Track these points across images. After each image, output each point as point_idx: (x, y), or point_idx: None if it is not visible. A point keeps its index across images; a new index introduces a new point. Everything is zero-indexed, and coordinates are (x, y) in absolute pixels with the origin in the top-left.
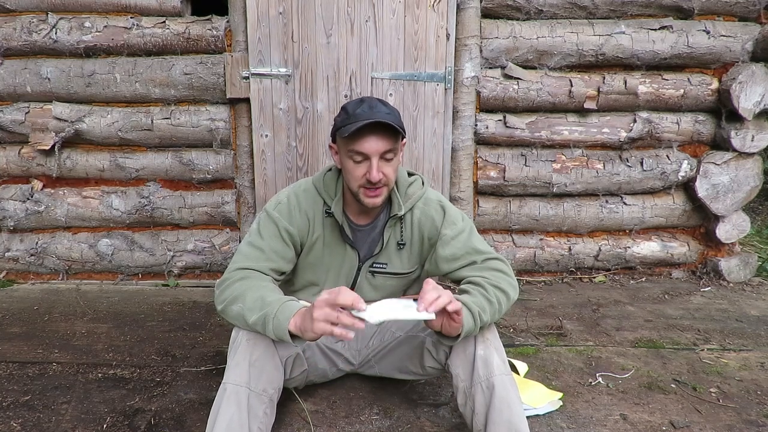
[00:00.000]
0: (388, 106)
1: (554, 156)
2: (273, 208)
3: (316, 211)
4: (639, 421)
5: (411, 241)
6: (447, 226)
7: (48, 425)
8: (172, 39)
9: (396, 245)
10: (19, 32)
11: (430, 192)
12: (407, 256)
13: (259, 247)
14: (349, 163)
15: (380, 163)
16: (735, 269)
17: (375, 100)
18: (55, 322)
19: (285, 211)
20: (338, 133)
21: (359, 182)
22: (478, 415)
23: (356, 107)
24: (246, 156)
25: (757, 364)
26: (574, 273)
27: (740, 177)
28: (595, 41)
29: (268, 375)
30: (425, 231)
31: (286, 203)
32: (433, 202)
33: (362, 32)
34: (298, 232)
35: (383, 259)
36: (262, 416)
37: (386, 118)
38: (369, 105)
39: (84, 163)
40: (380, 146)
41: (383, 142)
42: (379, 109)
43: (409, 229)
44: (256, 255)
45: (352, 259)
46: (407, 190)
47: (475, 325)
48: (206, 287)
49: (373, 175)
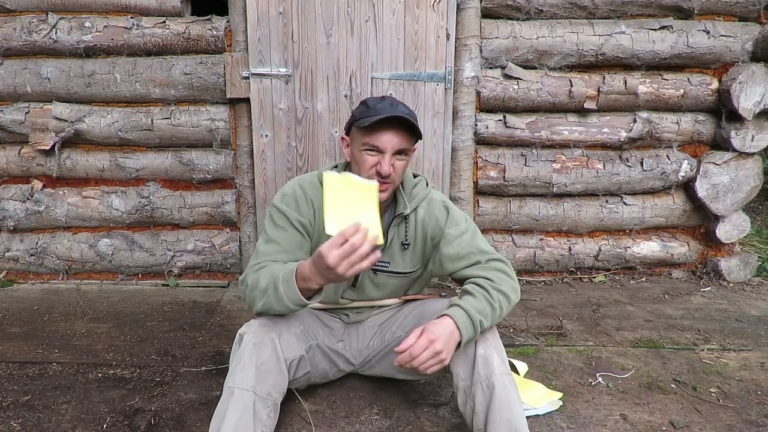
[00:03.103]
0: (409, 108)
1: (554, 156)
2: (280, 201)
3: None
4: (639, 421)
5: (414, 241)
6: (450, 225)
7: (48, 425)
8: (172, 39)
9: (400, 245)
10: (19, 32)
11: (434, 193)
12: (410, 256)
13: (274, 241)
14: (362, 155)
15: (392, 158)
16: (735, 269)
17: (396, 100)
18: (55, 322)
19: (292, 202)
20: (356, 124)
21: (368, 173)
22: (479, 414)
23: (377, 102)
24: (246, 156)
25: (757, 364)
26: (574, 273)
27: (740, 177)
28: (595, 41)
29: (273, 379)
30: (429, 230)
31: (291, 194)
32: (437, 203)
33: (362, 32)
34: (309, 221)
35: (386, 258)
36: (266, 420)
37: (406, 115)
38: (390, 102)
39: (84, 163)
40: (395, 143)
41: (399, 138)
42: (400, 107)
43: (413, 228)
44: (273, 249)
45: None
46: (412, 191)
47: (474, 333)
48: (206, 287)
49: (384, 168)
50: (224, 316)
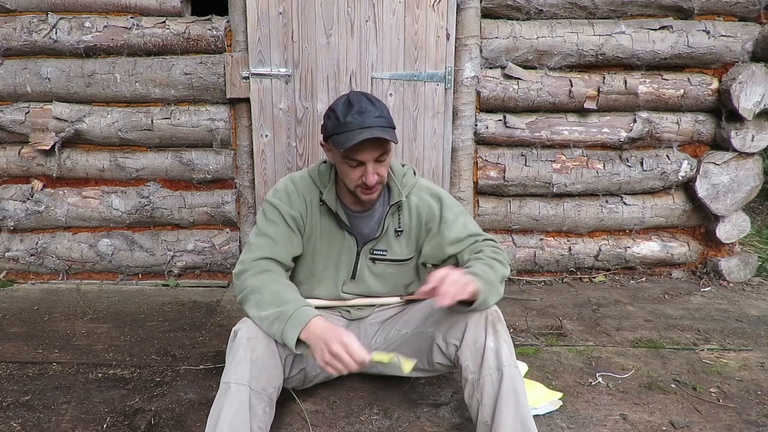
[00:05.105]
0: (376, 104)
1: (554, 156)
2: (272, 196)
3: (312, 198)
4: (639, 421)
5: (409, 227)
6: (446, 210)
7: (48, 425)
8: (172, 39)
9: (394, 232)
10: (19, 32)
11: (422, 180)
12: (405, 242)
13: (266, 234)
14: (344, 166)
15: (375, 165)
16: (735, 269)
17: (363, 100)
18: (55, 322)
19: (284, 197)
20: (333, 143)
21: (355, 183)
22: (486, 406)
23: (346, 112)
24: (246, 156)
25: (757, 364)
26: (574, 273)
27: (740, 177)
28: (595, 41)
29: (268, 374)
30: (423, 216)
31: (284, 189)
32: (427, 189)
33: (362, 32)
34: (300, 215)
35: (383, 246)
36: (262, 414)
37: (378, 124)
38: (359, 110)
39: (84, 163)
40: (375, 153)
41: (377, 148)
42: (369, 113)
43: (407, 215)
44: (266, 243)
45: (350, 245)
46: (402, 179)
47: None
48: (206, 287)
49: (369, 179)
50: (224, 316)
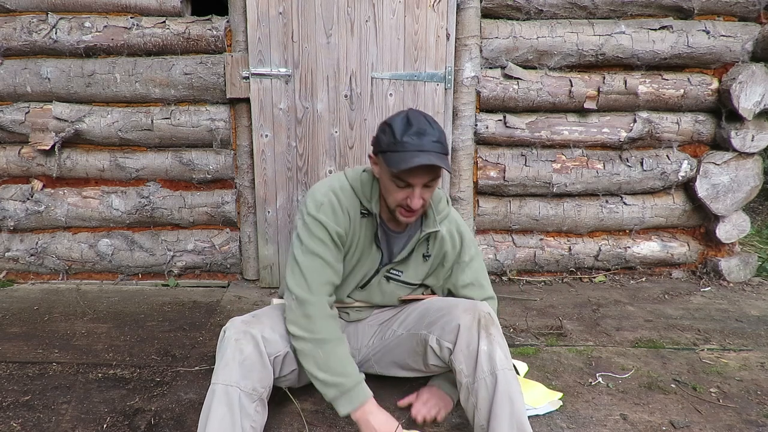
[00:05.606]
0: (434, 127)
1: (554, 156)
2: (316, 210)
3: (355, 211)
4: (639, 421)
5: (434, 255)
6: (464, 252)
7: (48, 425)
8: (172, 39)
9: (422, 257)
10: (19, 32)
11: (453, 212)
12: (422, 268)
13: (317, 254)
14: (391, 185)
15: (422, 190)
16: (735, 269)
17: (422, 121)
18: (55, 322)
19: (329, 212)
20: (384, 159)
21: (398, 203)
22: (481, 410)
23: (404, 131)
24: (246, 156)
25: (757, 364)
26: (574, 273)
27: (740, 177)
28: (595, 41)
29: (257, 374)
30: (447, 249)
31: (328, 204)
32: (456, 223)
33: (362, 32)
34: (345, 232)
35: (401, 268)
36: (254, 414)
37: (435, 150)
38: (417, 131)
39: (84, 163)
40: (426, 178)
41: (429, 174)
42: (428, 136)
43: (433, 244)
44: (319, 266)
45: (374, 261)
46: (438, 206)
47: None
48: (206, 287)
49: (415, 203)
50: (224, 316)
